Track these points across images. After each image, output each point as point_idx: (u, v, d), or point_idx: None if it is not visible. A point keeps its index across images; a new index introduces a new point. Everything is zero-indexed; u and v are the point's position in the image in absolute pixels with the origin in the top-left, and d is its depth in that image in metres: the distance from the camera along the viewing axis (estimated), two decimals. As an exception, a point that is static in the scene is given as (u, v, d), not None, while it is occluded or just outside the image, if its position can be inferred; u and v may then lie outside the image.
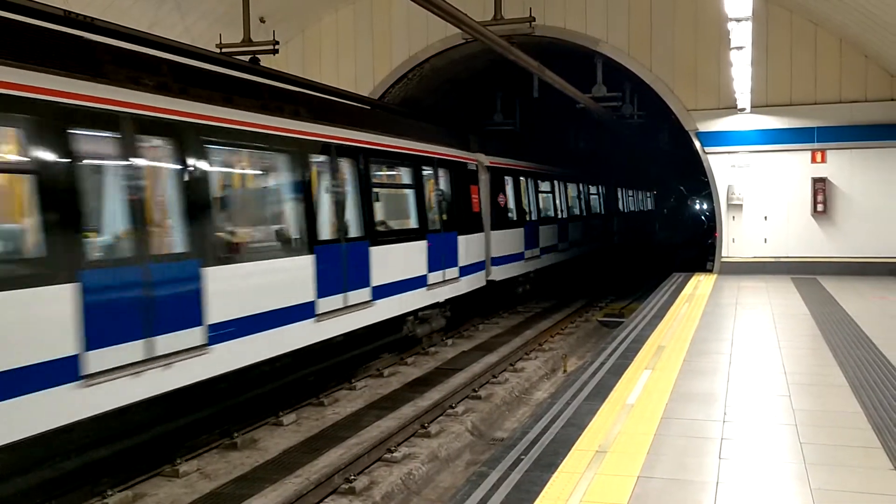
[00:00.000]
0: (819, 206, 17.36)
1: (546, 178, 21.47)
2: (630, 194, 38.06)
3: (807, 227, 17.59)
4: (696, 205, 67.35)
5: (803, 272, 17.49)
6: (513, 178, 18.44)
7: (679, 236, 44.79)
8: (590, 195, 27.50)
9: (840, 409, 6.99)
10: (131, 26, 10.08)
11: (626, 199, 36.64)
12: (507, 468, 5.59)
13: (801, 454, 5.81)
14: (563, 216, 23.04)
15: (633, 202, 39.11)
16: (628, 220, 36.24)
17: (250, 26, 14.15)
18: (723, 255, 18.25)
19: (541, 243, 20.10)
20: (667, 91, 18.04)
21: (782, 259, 17.80)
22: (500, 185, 17.32)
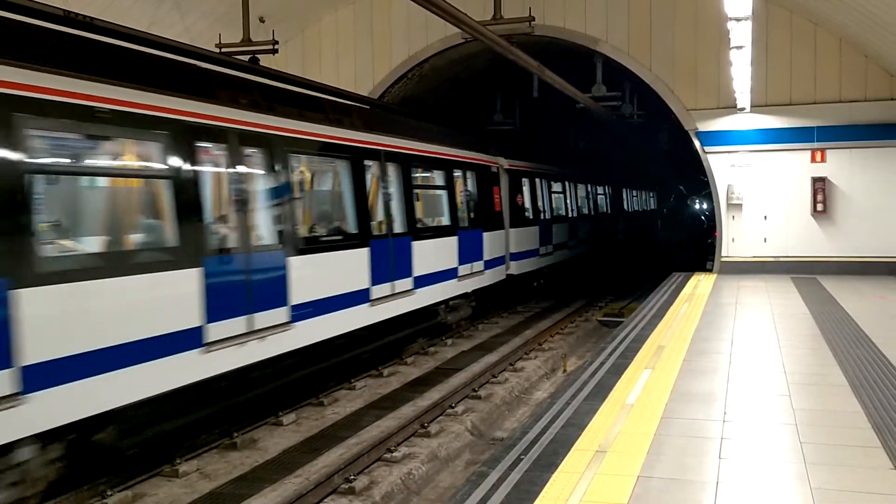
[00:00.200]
0: (819, 206, 17.35)
1: (558, 179, 22.50)
2: (634, 194, 38.86)
3: (806, 226, 17.59)
4: (696, 204, 67.39)
5: (803, 272, 17.49)
6: (529, 180, 19.47)
7: (679, 236, 44.93)
8: (597, 195, 28.51)
9: (840, 408, 6.99)
10: (131, 26, 10.07)
11: (630, 199, 37.56)
12: (507, 468, 5.59)
13: (801, 454, 5.81)
14: (574, 215, 24.17)
15: (636, 202, 40.02)
16: (632, 219, 37.17)
17: (250, 26, 14.16)
18: (722, 254, 18.25)
19: (553, 241, 21.18)
20: (666, 91, 18.03)
21: (782, 259, 17.80)
22: (517, 186, 18.41)
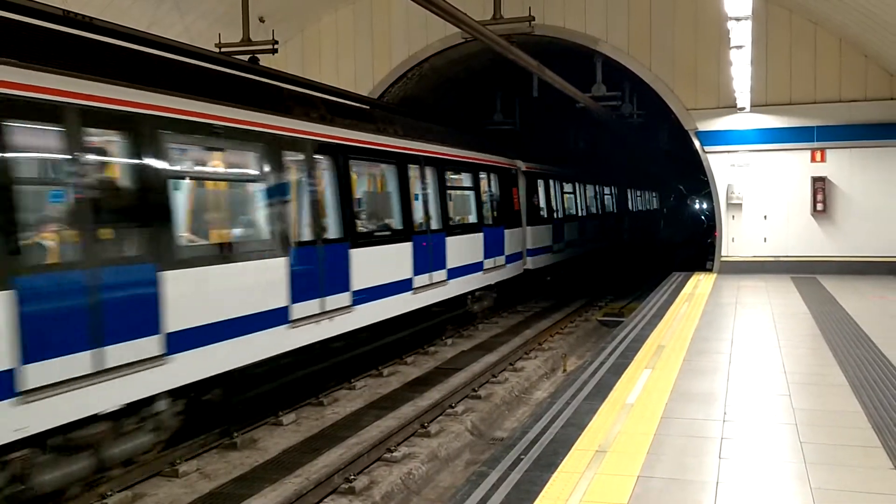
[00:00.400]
0: (819, 206, 17.35)
1: (569, 180, 23.70)
2: (638, 194, 39.67)
3: (806, 226, 17.58)
4: (696, 204, 67.39)
5: (803, 271, 17.49)
6: (543, 181, 20.63)
7: (679, 235, 45.02)
8: (604, 196, 29.54)
9: (840, 408, 6.99)
10: (130, 26, 10.06)
11: (635, 199, 38.52)
12: (507, 468, 5.59)
13: (801, 453, 5.81)
14: (583, 214, 25.50)
15: (640, 202, 40.89)
16: (636, 218, 38.11)
17: (249, 26, 14.15)
18: (722, 254, 18.24)
19: (565, 238, 22.39)
20: (666, 90, 18.02)
21: (782, 258, 17.79)
22: (533, 186, 19.63)
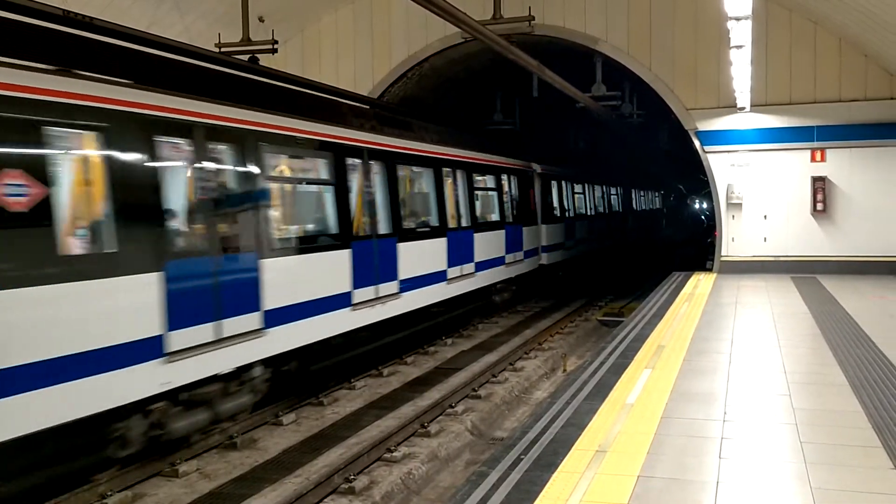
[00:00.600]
0: (819, 205, 17.34)
1: (579, 181, 24.93)
2: (641, 194, 40.46)
3: (806, 226, 17.58)
4: (696, 204, 67.39)
5: (803, 271, 17.48)
6: (556, 182, 21.90)
7: (679, 235, 45.09)
8: (610, 196, 30.64)
9: (840, 408, 6.98)
10: (130, 26, 10.06)
11: (639, 199, 39.49)
12: (507, 468, 5.59)
13: (801, 453, 5.81)
14: (592, 213, 26.82)
15: (643, 201, 41.71)
16: (640, 218, 39.08)
17: (249, 26, 14.15)
18: (722, 254, 18.23)
19: (576, 236, 23.73)
20: (666, 90, 18.02)
21: (782, 258, 17.79)
22: (547, 187, 20.93)
